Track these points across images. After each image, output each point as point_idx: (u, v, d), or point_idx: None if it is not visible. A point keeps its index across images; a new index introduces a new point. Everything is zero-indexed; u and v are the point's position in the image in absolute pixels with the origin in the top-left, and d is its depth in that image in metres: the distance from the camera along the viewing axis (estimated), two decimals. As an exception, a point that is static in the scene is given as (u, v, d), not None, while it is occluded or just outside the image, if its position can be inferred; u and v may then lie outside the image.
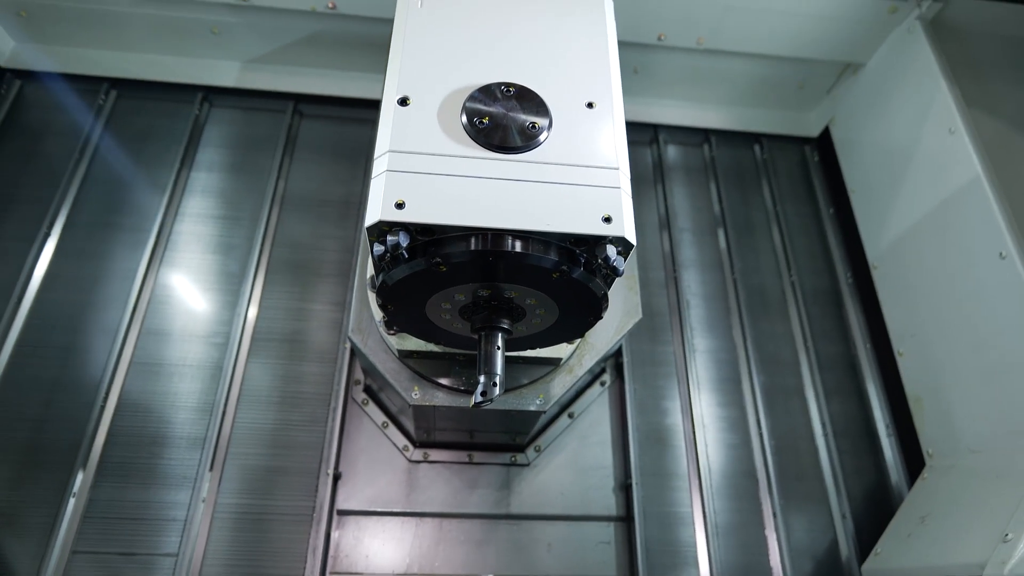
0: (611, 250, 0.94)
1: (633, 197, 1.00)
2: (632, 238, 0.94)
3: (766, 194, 2.39)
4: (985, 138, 1.77)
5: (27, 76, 2.21)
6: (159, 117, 2.21)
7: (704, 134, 2.46)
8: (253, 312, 1.93)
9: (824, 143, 2.42)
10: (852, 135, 2.27)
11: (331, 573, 1.68)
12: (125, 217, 2.03)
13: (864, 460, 1.96)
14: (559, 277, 0.96)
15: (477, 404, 1.01)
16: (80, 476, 1.68)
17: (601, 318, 1.13)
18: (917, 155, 1.93)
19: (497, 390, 1.01)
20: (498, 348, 1.05)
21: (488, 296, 1.04)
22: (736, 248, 2.25)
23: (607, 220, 0.93)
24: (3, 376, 1.78)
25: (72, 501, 1.65)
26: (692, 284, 2.17)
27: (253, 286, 1.97)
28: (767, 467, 1.90)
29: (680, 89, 2.40)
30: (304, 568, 1.64)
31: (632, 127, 2.32)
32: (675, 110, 2.45)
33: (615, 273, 0.96)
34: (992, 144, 1.76)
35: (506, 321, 1.07)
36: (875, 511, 1.88)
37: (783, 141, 2.50)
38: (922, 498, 1.73)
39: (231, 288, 1.97)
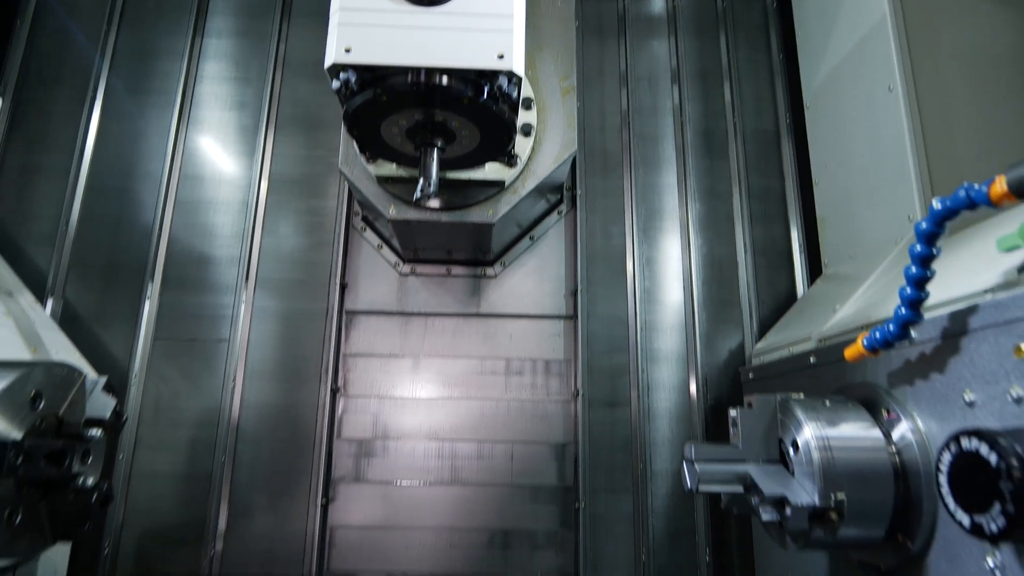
0: (503, 80, 1.29)
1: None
2: (520, 71, 1.29)
3: (723, 44, 2.60)
4: (897, -20, 1.96)
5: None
6: (172, -12, 2.50)
7: (668, -14, 2.64)
8: (268, 159, 2.34)
9: (782, -10, 2.59)
10: (802, -19, 2.43)
11: (344, 355, 2.21)
12: (154, 81, 2.40)
13: (777, 274, 2.35)
14: (469, 103, 1.32)
15: (417, 199, 1.42)
16: (150, 286, 2.19)
17: (512, 139, 1.49)
18: (845, -1, 2.13)
19: (432, 188, 1.41)
20: (433, 160, 1.44)
21: (423, 120, 1.41)
22: (689, 95, 2.51)
23: (500, 57, 1.27)
24: (80, 214, 2.25)
25: (147, 303, 2.18)
26: (645, 127, 2.47)
27: (266, 137, 2.36)
28: (691, 278, 2.32)
29: (644, -59, 2.56)
30: (322, 351, 2.18)
31: (596, -19, 2.53)
32: (640, -38, 2.61)
33: (508, 99, 1.31)
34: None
35: (439, 139, 1.44)
36: (781, 314, 2.30)
37: (744, -10, 2.66)
38: (807, 298, 2.14)
39: (247, 140, 2.36)
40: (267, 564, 2.03)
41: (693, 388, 2.21)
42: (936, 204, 1.01)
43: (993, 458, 0.86)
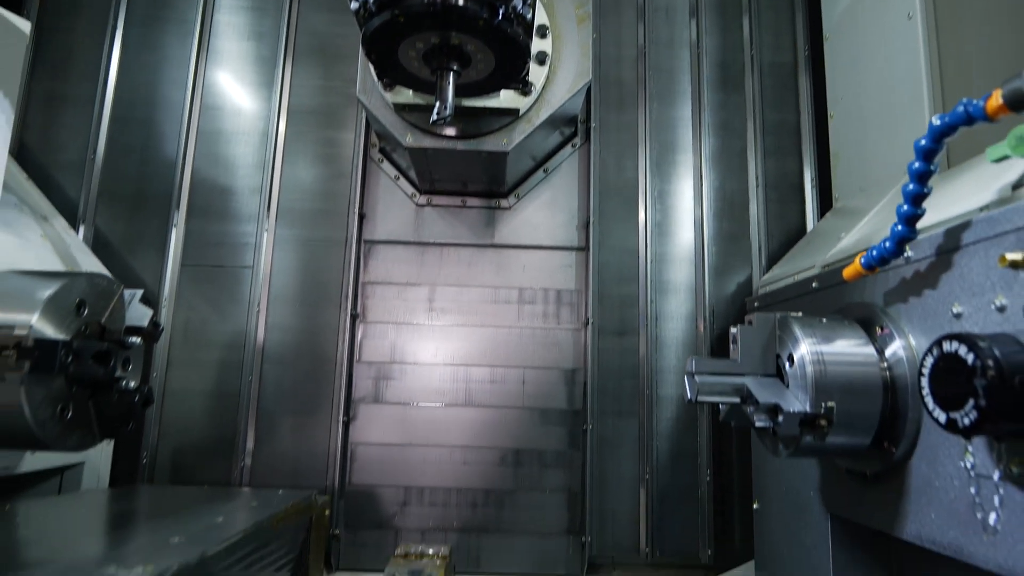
0: (518, 1, 1.31)
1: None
2: (533, -10, 1.30)
3: (744, -27, 2.55)
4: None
5: None
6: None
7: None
8: (286, 90, 2.37)
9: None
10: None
11: (363, 283, 2.30)
12: (171, 11, 2.42)
13: (788, 208, 2.38)
14: (484, 24, 1.34)
15: (434, 122, 1.46)
16: (176, 214, 2.27)
17: (527, 64, 1.52)
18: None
19: (448, 111, 1.45)
20: (449, 84, 1.47)
21: (439, 43, 1.43)
22: (707, 27, 2.48)
23: (514, -24, 1.29)
24: (107, 143, 2.32)
25: (174, 231, 2.26)
26: (660, 60, 2.46)
27: (284, 68, 2.38)
28: (703, 211, 2.35)
29: None
30: (342, 278, 2.26)
31: (615, -93, 2.47)
32: None
33: (523, 21, 1.33)
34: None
35: (455, 63, 1.47)
36: (790, 248, 2.34)
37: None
38: (815, 231, 2.17)
39: (266, 71, 2.39)
40: (293, 476, 2.18)
41: (700, 319, 2.28)
42: (935, 120, 1.04)
43: (970, 358, 0.92)
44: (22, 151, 2.27)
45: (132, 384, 1.43)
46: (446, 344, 2.27)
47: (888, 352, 1.30)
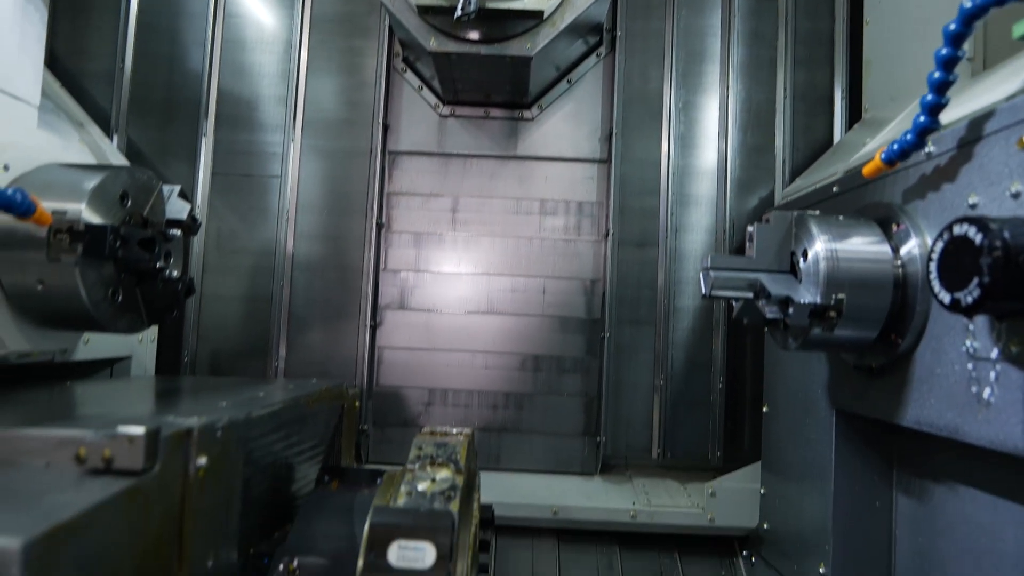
0: None
1: None
2: None
3: None
4: None
5: None
6: None
7: None
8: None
9: None
10: None
11: (387, 193, 2.35)
12: (193, -86, 2.38)
13: (816, 120, 2.34)
14: (509, -89, 1.32)
15: (458, 18, 1.46)
16: (205, 123, 2.32)
17: (551, -44, 1.49)
18: None
19: (472, 6, 1.45)
20: (473, -22, 1.46)
21: (464, -65, 1.42)
22: (739, -73, 2.38)
23: None
24: (134, 53, 2.34)
25: (204, 140, 2.31)
26: (690, -35, 2.38)
27: (306, -26, 2.36)
28: (727, 123, 2.32)
29: None
30: (368, 190, 2.31)
31: None
32: None
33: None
34: None
35: (479, -43, 1.46)
36: (813, 161, 2.31)
37: None
38: (841, 143, 2.15)
39: (289, -23, 2.37)
40: (323, 377, 2.30)
41: (720, 232, 2.30)
42: (967, 2, 1.02)
43: (979, 238, 0.95)
44: (52, 60, 2.31)
45: (175, 274, 1.52)
46: (469, 254, 2.34)
47: (903, 250, 1.32)
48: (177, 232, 1.51)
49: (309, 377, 2.28)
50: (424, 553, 0.93)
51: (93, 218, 1.31)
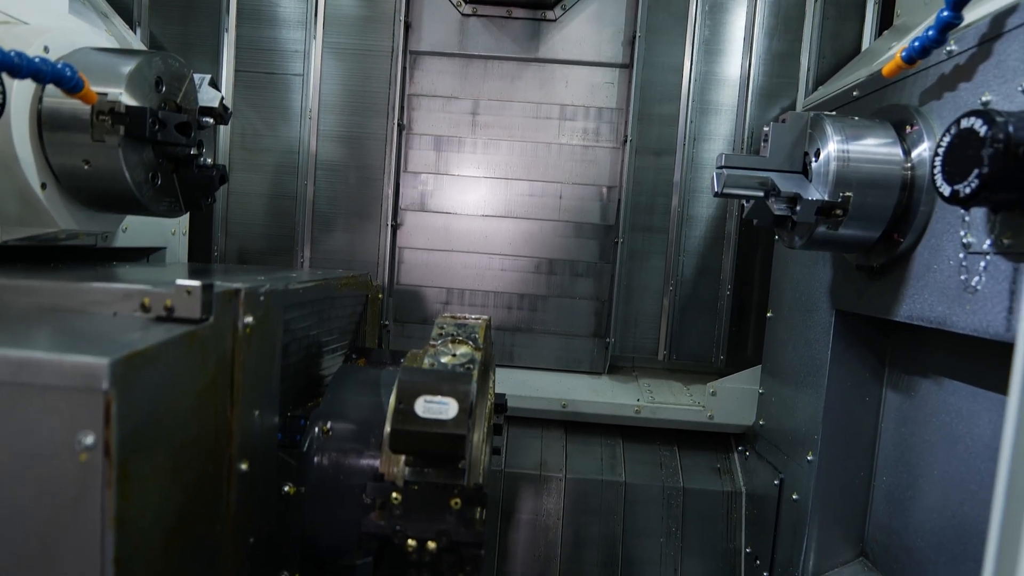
0: None
1: None
2: None
3: None
4: None
5: None
6: None
7: None
8: None
9: None
10: None
11: (408, 95, 2.36)
12: None
13: (845, 27, 2.28)
14: None
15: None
16: (227, 18, 2.31)
17: None
18: None
19: None
20: None
21: None
22: None
23: None
24: (152, -58, 2.31)
25: (225, 35, 2.32)
26: None
27: None
28: (754, 28, 2.28)
29: None
30: (389, 91, 2.33)
31: None
32: None
33: None
34: None
35: None
36: (840, 67, 2.28)
37: None
38: (868, 51, 2.11)
39: None
40: (347, 274, 2.41)
41: (739, 141, 2.30)
42: None
43: (984, 130, 0.98)
44: (73, -52, 2.29)
45: (209, 161, 1.59)
46: (488, 157, 2.37)
47: (914, 153, 1.35)
48: (210, 120, 1.57)
49: (333, 273, 2.39)
50: (447, 407, 1.04)
51: (131, 101, 1.37)
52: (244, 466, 1.06)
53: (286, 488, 1.28)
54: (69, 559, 0.72)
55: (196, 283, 0.91)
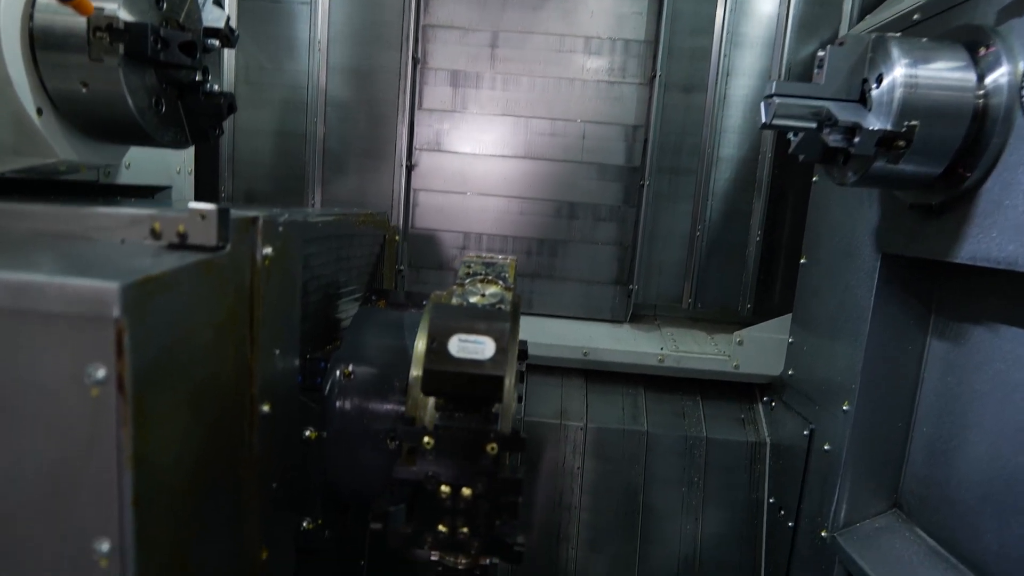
0: None
1: None
2: None
3: None
4: None
5: None
6: None
7: None
8: None
9: None
10: None
11: (423, 25, 2.21)
12: None
13: (895, -49, 2.11)
14: None
15: None
16: (228, -60, 2.15)
17: None
18: None
19: None
20: None
21: None
22: None
23: None
24: None
25: (227, -42, 2.16)
26: None
27: None
28: (797, -48, 2.12)
29: None
30: (403, 21, 2.18)
31: None
32: None
33: None
34: None
35: None
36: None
37: None
38: None
39: None
40: (360, 217, 2.31)
41: (774, 77, 2.17)
42: None
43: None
44: None
45: (216, 88, 1.48)
46: (507, 94, 2.24)
47: (989, 78, 1.23)
48: (215, 42, 1.44)
49: (345, 217, 2.29)
50: (484, 347, 0.97)
51: (129, 17, 1.25)
52: (266, 408, 1.00)
53: (307, 432, 1.22)
54: (85, 501, 0.66)
55: (211, 206, 0.82)
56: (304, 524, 1.24)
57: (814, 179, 1.99)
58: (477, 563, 1.13)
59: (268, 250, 0.95)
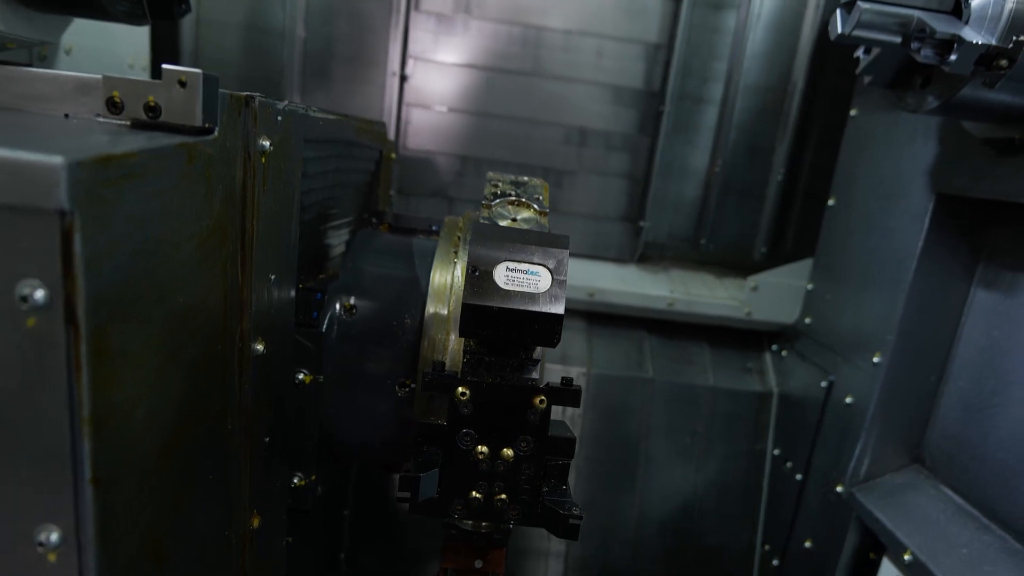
0: None
1: None
2: None
3: None
4: None
5: None
6: None
7: None
8: None
9: None
10: None
11: (422, -91, 1.91)
12: None
13: None
14: None
15: None
16: None
17: None
18: None
19: None
20: None
21: None
22: None
23: None
24: None
25: None
26: None
27: None
28: None
29: None
30: (399, -100, 1.87)
31: None
32: None
33: None
34: None
35: None
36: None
37: None
38: None
39: None
40: (344, 134, 2.05)
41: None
42: None
43: None
44: None
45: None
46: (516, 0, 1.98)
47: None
48: None
49: (327, 132, 2.03)
50: (539, 278, 0.78)
51: None
52: (260, 347, 0.80)
53: (300, 376, 1.03)
54: (24, 478, 0.46)
55: (195, 70, 0.59)
56: (295, 480, 1.06)
57: (851, 113, 1.82)
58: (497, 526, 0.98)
59: (266, 143, 0.73)
